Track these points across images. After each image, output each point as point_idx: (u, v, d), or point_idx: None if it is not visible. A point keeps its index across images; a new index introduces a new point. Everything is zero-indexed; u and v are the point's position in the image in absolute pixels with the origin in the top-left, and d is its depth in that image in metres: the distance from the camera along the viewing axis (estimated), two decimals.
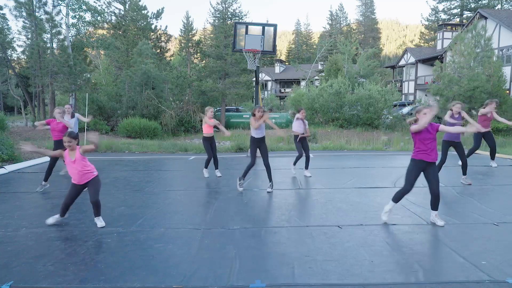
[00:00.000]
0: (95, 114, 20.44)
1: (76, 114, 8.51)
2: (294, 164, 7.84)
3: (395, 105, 22.37)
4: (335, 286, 3.10)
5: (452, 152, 7.05)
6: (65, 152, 4.42)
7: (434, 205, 4.55)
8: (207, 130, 7.50)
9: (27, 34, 21.90)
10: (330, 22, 74.47)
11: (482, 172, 7.95)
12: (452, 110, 6.83)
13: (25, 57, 27.04)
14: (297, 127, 7.60)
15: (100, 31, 27.23)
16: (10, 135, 13.88)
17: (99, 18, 22.61)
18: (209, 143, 7.55)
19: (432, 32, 47.64)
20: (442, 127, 4.40)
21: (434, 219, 4.59)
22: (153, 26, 29.09)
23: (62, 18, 19.97)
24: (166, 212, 5.23)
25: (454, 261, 3.55)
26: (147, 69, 20.59)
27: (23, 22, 20.67)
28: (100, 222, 4.58)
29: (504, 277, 3.19)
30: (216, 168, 7.87)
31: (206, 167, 7.75)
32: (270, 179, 6.40)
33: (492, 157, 8.42)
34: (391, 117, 20.21)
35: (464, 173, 6.84)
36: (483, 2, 40.64)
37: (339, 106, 20.63)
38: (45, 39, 19.67)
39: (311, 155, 8.02)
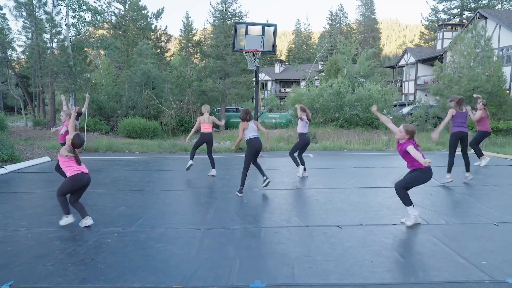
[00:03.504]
0: (95, 114, 20.42)
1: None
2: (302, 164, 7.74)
3: (395, 105, 22.35)
4: (335, 286, 3.10)
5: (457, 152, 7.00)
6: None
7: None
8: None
9: (27, 34, 21.86)
10: (330, 22, 74.37)
11: (482, 172, 7.95)
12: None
13: (25, 57, 27.04)
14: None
15: (100, 31, 27.22)
16: (10, 135, 13.87)
17: (99, 18, 22.58)
18: None
19: (432, 32, 47.55)
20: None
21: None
22: (153, 26, 29.09)
23: (62, 18, 19.93)
24: (166, 212, 5.23)
25: (454, 261, 3.54)
26: (147, 69, 20.57)
27: (23, 22, 20.62)
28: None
29: (504, 277, 3.19)
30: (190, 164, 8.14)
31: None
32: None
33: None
34: (391, 117, 20.15)
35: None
36: (483, 2, 40.56)
37: (339, 106, 20.59)
38: (45, 39, 19.62)
39: (310, 155, 8.00)
